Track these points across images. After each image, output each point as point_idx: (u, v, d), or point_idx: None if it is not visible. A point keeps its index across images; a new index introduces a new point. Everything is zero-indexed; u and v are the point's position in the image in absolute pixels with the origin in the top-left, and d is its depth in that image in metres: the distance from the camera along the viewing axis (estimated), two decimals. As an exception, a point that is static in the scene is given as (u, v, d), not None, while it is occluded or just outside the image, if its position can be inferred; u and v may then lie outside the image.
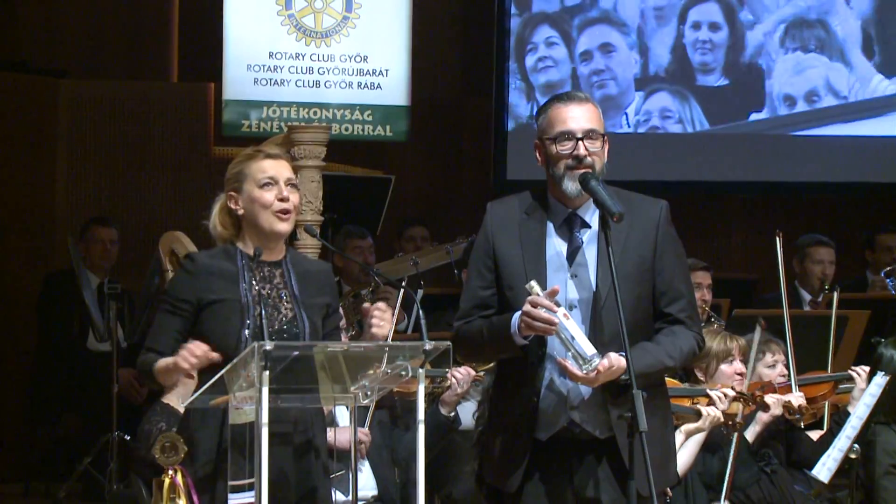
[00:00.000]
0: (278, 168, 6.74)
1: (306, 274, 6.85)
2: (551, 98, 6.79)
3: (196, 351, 6.34)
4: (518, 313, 6.32)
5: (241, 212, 6.72)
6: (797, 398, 8.84)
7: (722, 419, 8.34)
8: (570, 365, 6.26)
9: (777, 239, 10.20)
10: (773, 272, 12.95)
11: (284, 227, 6.70)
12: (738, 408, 8.61)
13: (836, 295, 10.78)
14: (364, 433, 8.30)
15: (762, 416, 8.73)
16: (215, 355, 6.36)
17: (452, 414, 9.05)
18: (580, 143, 6.50)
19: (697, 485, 8.57)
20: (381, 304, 6.65)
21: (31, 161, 13.45)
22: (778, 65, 14.46)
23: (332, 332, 6.84)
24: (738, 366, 8.84)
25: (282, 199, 6.64)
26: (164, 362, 6.44)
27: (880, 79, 14.53)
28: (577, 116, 6.57)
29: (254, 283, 6.64)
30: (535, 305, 6.22)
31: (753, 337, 8.94)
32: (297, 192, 6.82)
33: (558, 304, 6.31)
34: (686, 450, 8.29)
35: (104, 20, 14.11)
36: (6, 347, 12.80)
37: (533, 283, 6.28)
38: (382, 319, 6.59)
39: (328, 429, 6.77)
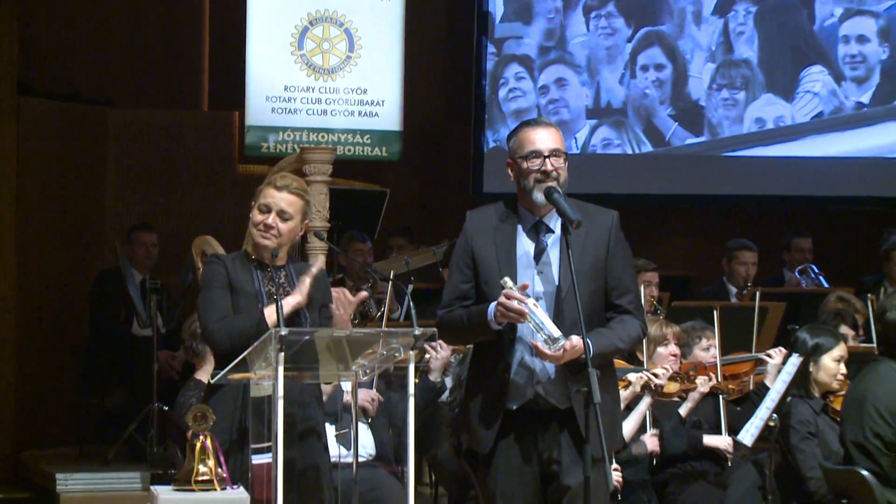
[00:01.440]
0: (277, 199, 6.73)
1: (306, 272, 6.87)
2: (521, 123, 6.80)
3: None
4: (494, 303, 6.36)
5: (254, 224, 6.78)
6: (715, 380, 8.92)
7: (648, 380, 8.42)
8: (541, 345, 6.29)
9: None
10: (707, 270, 13.04)
11: (265, 242, 6.69)
12: (674, 386, 8.66)
13: (757, 291, 10.83)
14: (375, 395, 8.34)
15: (693, 394, 8.76)
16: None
17: (439, 380, 9.09)
18: (547, 160, 6.53)
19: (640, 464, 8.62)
20: (340, 293, 6.68)
21: (84, 177, 13.40)
22: (711, 98, 14.48)
23: (324, 322, 6.83)
24: (672, 349, 8.86)
25: (265, 226, 6.67)
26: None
27: (790, 110, 14.56)
28: (544, 138, 6.60)
29: (262, 284, 6.71)
30: (508, 298, 6.27)
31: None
32: (290, 220, 6.77)
33: (527, 296, 6.39)
34: (631, 420, 8.32)
35: (145, 57, 14.07)
36: (64, 333, 12.76)
37: (506, 279, 6.32)
38: (340, 305, 6.63)
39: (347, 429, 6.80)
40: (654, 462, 8.69)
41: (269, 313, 6.49)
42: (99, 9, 13.79)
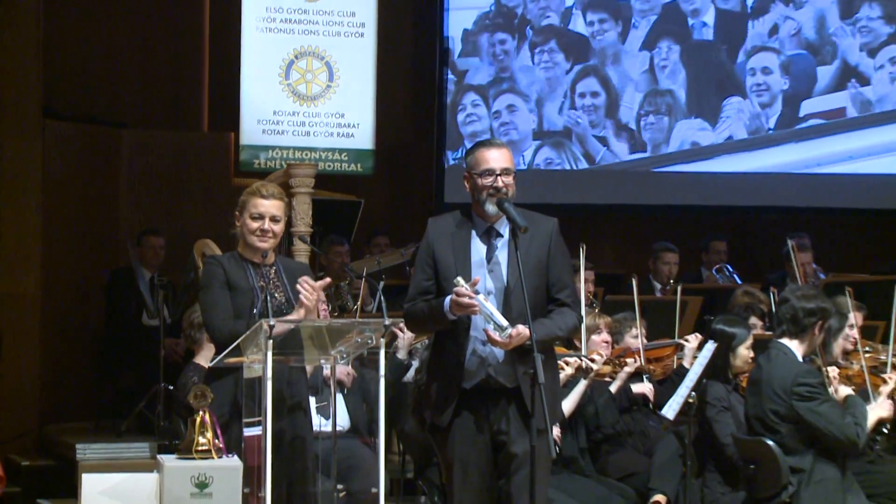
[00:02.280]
0: (267, 207, 6.77)
1: (292, 273, 6.88)
2: (477, 143, 6.86)
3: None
4: (449, 297, 6.44)
5: (238, 229, 6.80)
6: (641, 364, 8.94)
7: (582, 364, 8.46)
8: (492, 333, 6.36)
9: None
10: (635, 269, 13.04)
11: (264, 245, 6.75)
12: (607, 368, 8.70)
13: (679, 287, 10.84)
14: (350, 371, 8.37)
15: (622, 374, 8.79)
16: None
17: (405, 359, 9.12)
18: (499, 177, 6.58)
19: (580, 426, 8.62)
20: (305, 283, 6.70)
21: (100, 189, 13.37)
22: (640, 122, 14.48)
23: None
24: (605, 336, 8.89)
25: (262, 231, 6.72)
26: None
27: (705, 133, 14.60)
28: (497, 158, 6.64)
29: (255, 280, 6.73)
30: (459, 295, 6.33)
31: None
32: (279, 222, 6.86)
33: (477, 292, 6.42)
34: (570, 399, 8.34)
35: (154, 85, 14.05)
36: (83, 323, 12.73)
37: (459, 278, 6.37)
38: (309, 293, 6.65)
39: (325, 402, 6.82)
40: (590, 432, 8.73)
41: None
42: (114, 41, 13.78)
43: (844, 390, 8.04)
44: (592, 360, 8.53)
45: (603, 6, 14.55)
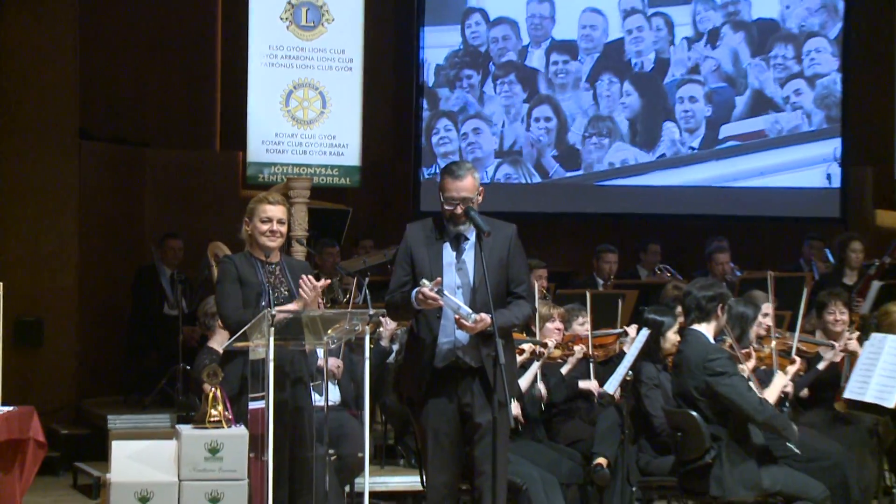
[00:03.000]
0: (274, 211, 6.79)
1: (294, 270, 6.89)
2: (445, 167, 6.90)
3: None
4: (415, 290, 6.57)
5: (248, 232, 6.79)
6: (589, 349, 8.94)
7: (536, 348, 8.47)
8: (462, 319, 6.42)
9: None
10: (582, 267, 13.05)
11: (272, 244, 6.77)
12: (558, 352, 8.70)
13: (621, 286, 10.87)
14: (340, 363, 8.35)
15: (571, 358, 8.80)
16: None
17: (388, 346, 9.12)
18: (457, 206, 6.64)
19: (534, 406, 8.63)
20: (308, 280, 6.71)
21: (128, 199, 13.33)
22: (585, 144, 14.49)
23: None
24: (557, 324, 8.88)
25: (271, 231, 6.74)
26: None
27: (640, 152, 14.60)
28: (458, 188, 6.68)
29: (263, 276, 6.72)
30: (422, 293, 6.46)
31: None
32: (284, 224, 6.90)
33: (441, 292, 6.48)
34: (525, 378, 8.33)
35: (174, 110, 13.97)
36: (113, 313, 12.67)
37: (424, 280, 6.47)
38: (308, 289, 6.66)
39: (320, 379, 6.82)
40: (543, 406, 8.72)
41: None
42: (139, 73, 13.72)
43: (749, 365, 8.10)
44: (545, 345, 8.54)
45: (554, 45, 14.54)
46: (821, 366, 8.90)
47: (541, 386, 8.54)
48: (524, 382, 8.32)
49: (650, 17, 14.74)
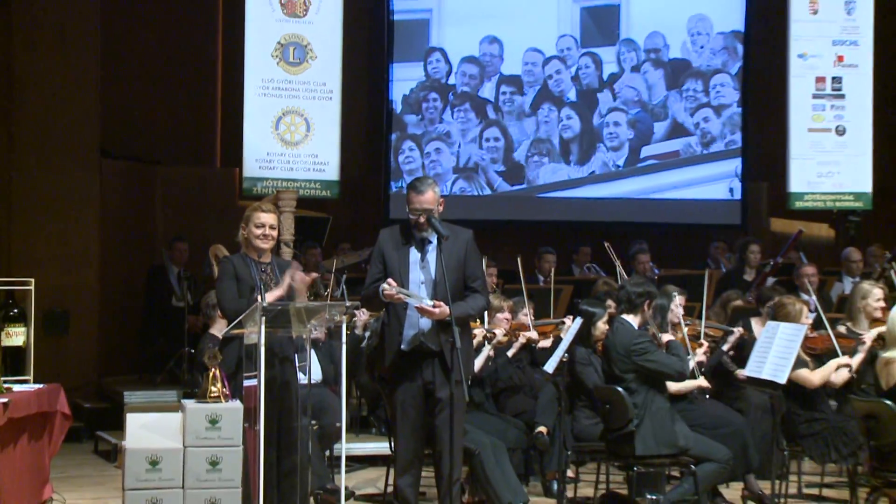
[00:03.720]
0: (267, 218, 6.76)
1: (282, 268, 6.88)
2: (410, 183, 6.91)
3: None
4: (381, 286, 6.61)
5: (244, 235, 6.76)
6: (533, 334, 8.92)
7: (488, 335, 8.46)
8: (428, 305, 6.52)
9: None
10: (526, 266, 13.03)
11: (265, 246, 6.73)
12: (506, 338, 8.69)
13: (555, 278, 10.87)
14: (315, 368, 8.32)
15: (517, 342, 8.79)
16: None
17: (361, 333, 9.10)
18: (420, 217, 6.67)
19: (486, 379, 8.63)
20: (296, 273, 6.73)
21: (141, 208, 13.31)
22: (528, 163, 14.51)
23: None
24: (506, 314, 8.84)
25: (264, 235, 6.71)
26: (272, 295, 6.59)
27: (574, 169, 14.63)
28: (420, 201, 6.71)
29: (256, 274, 6.68)
30: (385, 290, 6.54)
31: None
32: (275, 229, 6.87)
33: (404, 287, 6.57)
34: (479, 360, 8.32)
35: (181, 132, 13.99)
36: (128, 305, 12.65)
37: (390, 279, 6.59)
38: (301, 284, 6.68)
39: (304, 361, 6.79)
40: (494, 384, 8.72)
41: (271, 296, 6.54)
42: (150, 101, 13.69)
43: (666, 337, 8.13)
44: (494, 333, 8.54)
45: (502, 79, 14.53)
46: (725, 346, 8.96)
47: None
48: (478, 364, 8.31)
49: (582, 56, 14.75)
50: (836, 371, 8.14)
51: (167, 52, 13.85)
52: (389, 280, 6.64)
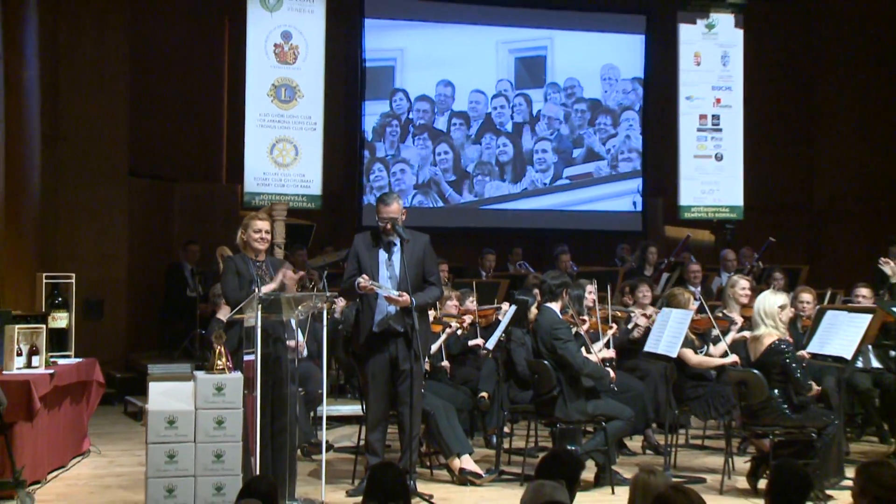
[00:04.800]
0: (262, 225, 6.68)
1: (275, 266, 6.81)
2: (379, 197, 6.94)
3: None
4: (356, 279, 6.66)
5: (244, 239, 6.68)
6: (474, 318, 8.91)
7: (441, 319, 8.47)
8: (392, 296, 6.58)
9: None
10: (471, 264, 13.00)
11: (260, 247, 6.65)
12: (455, 322, 8.64)
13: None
14: (302, 343, 8.19)
15: (464, 325, 8.77)
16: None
17: (340, 317, 9.04)
18: (386, 225, 6.71)
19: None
20: (288, 272, 6.71)
21: (162, 218, 13.25)
22: (474, 180, 14.50)
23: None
24: (455, 303, 8.84)
25: (260, 238, 6.63)
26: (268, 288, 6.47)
27: (511, 188, 14.65)
28: (387, 211, 6.76)
29: (254, 270, 6.63)
30: (359, 284, 6.61)
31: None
32: (269, 234, 6.78)
33: (379, 285, 6.59)
34: (436, 343, 8.31)
35: (193, 153, 13.93)
36: (151, 294, 12.55)
37: (364, 276, 6.64)
38: (290, 280, 6.66)
39: (293, 340, 6.72)
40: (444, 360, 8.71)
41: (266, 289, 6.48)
42: (169, 129, 13.61)
43: (585, 327, 8.16)
44: (451, 325, 8.55)
45: (453, 114, 14.50)
46: (630, 325, 8.99)
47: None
48: (435, 346, 8.35)
49: (516, 96, 14.77)
50: (715, 363, 8.18)
51: (183, 92, 13.77)
52: (364, 276, 6.68)
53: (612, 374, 7.74)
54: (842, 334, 7.64)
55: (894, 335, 9.01)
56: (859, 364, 8.71)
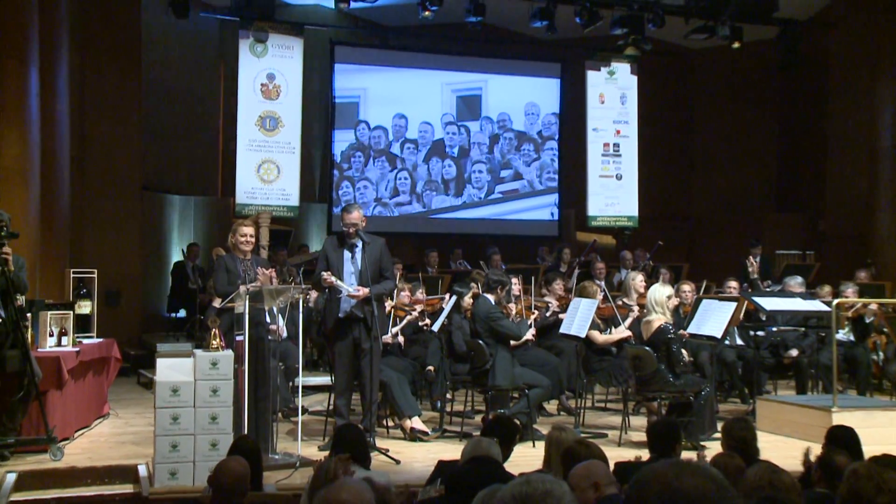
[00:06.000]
0: (248, 230, 6.61)
1: (260, 264, 6.70)
2: (343, 207, 6.98)
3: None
4: (322, 274, 6.60)
5: (233, 241, 6.60)
6: (425, 306, 8.86)
7: (399, 306, 8.40)
8: (352, 291, 6.46)
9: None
10: (419, 263, 12.96)
11: (247, 248, 6.57)
12: (407, 308, 8.60)
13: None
14: (281, 328, 8.10)
15: (415, 313, 8.72)
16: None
17: (313, 305, 8.95)
18: (349, 230, 6.63)
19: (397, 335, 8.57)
20: (264, 271, 6.58)
21: (166, 226, 13.08)
22: (423, 195, 14.49)
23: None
24: (407, 293, 8.77)
25: (247, 241, 6.54)
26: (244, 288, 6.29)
27: (454, 200, 14.62)
28: (349, 219, 6.70)
29: (241, 267, 6.54)
30: (324, 279, 6.55)
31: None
32: (254, 237, 6.71)
33: (342, 283, 6.51)
34: (400, 325, 8.27)
35: (191, 169, 13.82)
36: (160, 287, 12.46)
37: (328, 272, 6.57)
38: (264, 275, 6.50)
39: (274, 324, 6.63)
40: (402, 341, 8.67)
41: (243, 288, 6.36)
42: (174, 151, 13.50)
43: (513, 313, 8.14)
44: (410, 313, 8.50)
45: (405, 141, 14.47)
46: (548, 314, 9.00)
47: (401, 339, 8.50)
48: (396, 328, 8.31)
49: (459, 127, 14.77)
50: (615, 339, 8.23)
51: (186, 122, 13.68)
52: (328, 272, 6.63)
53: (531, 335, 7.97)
54: (714, 318, 7.73)
55: (754, 319, 9.14)
56: (727, 342, 8.84)
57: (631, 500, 1.55)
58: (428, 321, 8.76)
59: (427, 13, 12.07)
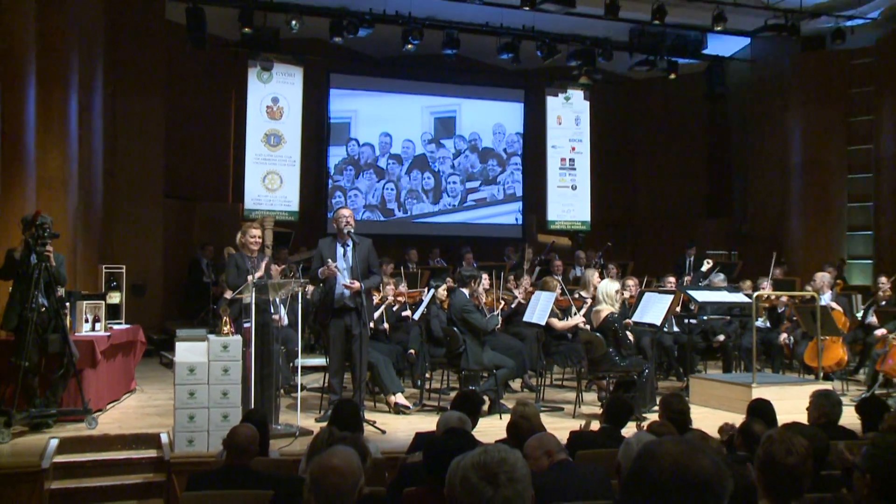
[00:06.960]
0: (256, 231, 6.56)
1: (266, 261, 6.67)
2: (336, 209, 6.89)
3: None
4: (320, 269, 6.55)
5: (242, 241, 6.53)
6: (406, 298, 8.83)
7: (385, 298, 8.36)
8: (346, 283, 6.43)
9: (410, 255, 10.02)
10: (400, 261, 12.92)
11: (255, 248, 6.51)
12: (391, 300, 8.57)
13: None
14: (282, 317, 8.04)
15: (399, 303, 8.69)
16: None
17: (311, 298, 8.89)
18: (343, 227, 6.58)
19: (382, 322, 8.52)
20: (273, 268, 6.57)
21: (186, 228, 13.07)
22: (406, 202, 14.46)
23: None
24: (392, 287, 8.73)
25: (255, 241, 6.48)
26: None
27: (432, 207, 14.61)
28: (341, 217, 6.66)
29: (249, 264, 6.48)
30: (328, 265, 6.45)
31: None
32: (261, 238, 6.64)
33: (339, 268, 6.34)
34: (377, 313, 8.22)
35: (210, 179, 13.70)
36: (178, 280, 12.34)
37: (329, 260, 6.46)
38: (274, 272, 6.50)
39: (277, 313, 6.58)
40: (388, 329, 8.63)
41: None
42: (193, 162, 13.38)
43: (485, 305, 8.11)
44: (388, 300, 8.45)
45: (391, 156, 14.46)
46: (514, 305, 8.99)
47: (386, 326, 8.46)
48: (377, 315, 8.25)
49: (438, 144, 14.76)
50: (571, 325, 8.24)
51: (202, 138, 13.56)
52: (329, 261, 6.57)
53: (498, 324, 7.92)
54: (654, 308, 7.77)
55: (688, 309, 9.20)
56: (665, 329, 8.89)
57: (639, 476, 1.44)
58: (409, 311, 8.75)
59: (410, 46, 12.42)
